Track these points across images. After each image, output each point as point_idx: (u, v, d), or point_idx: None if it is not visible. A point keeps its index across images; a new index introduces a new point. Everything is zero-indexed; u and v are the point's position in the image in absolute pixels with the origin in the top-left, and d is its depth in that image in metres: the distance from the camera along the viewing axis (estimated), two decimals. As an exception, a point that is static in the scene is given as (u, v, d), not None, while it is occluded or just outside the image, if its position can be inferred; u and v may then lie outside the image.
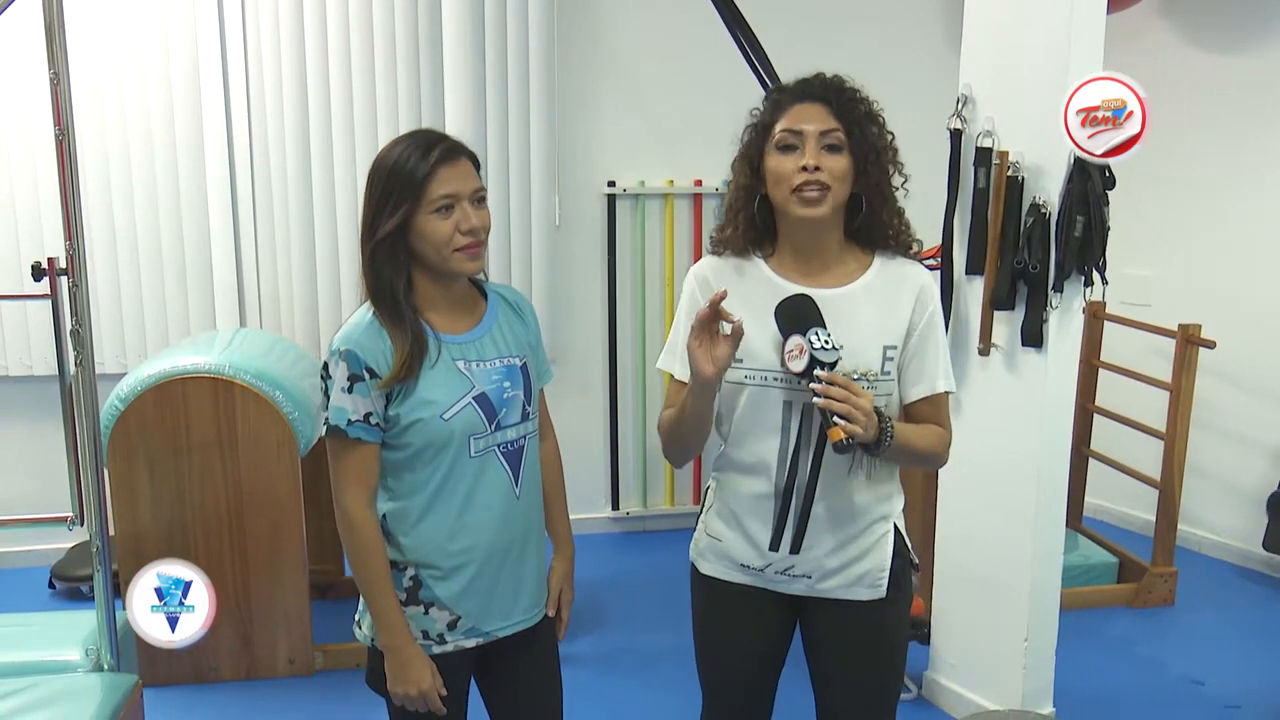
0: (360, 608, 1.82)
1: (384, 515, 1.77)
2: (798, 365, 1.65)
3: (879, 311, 1.76)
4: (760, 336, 1.71)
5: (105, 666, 2.45)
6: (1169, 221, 4.33)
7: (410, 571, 1.77)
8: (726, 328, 1.65)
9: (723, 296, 1.63)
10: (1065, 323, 2.73)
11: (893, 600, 1.84)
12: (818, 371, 1.63)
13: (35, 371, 3.94)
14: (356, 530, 1.72)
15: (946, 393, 1.80)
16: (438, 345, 1.72)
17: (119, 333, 4.01)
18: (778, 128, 1.73)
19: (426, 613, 1.77)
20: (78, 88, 3.76)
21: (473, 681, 1.91)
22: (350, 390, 1.68)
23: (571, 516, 2.02)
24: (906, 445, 1.72)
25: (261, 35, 3.92)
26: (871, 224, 1.78)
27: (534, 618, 1.88)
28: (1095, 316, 4.05)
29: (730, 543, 1.86)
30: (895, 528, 1.85)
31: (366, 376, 1.68)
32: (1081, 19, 2.57)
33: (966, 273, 2.85)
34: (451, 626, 1.78)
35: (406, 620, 1.76)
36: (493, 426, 1.75)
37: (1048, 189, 2.66)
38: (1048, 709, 2.93)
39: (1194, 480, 4.05)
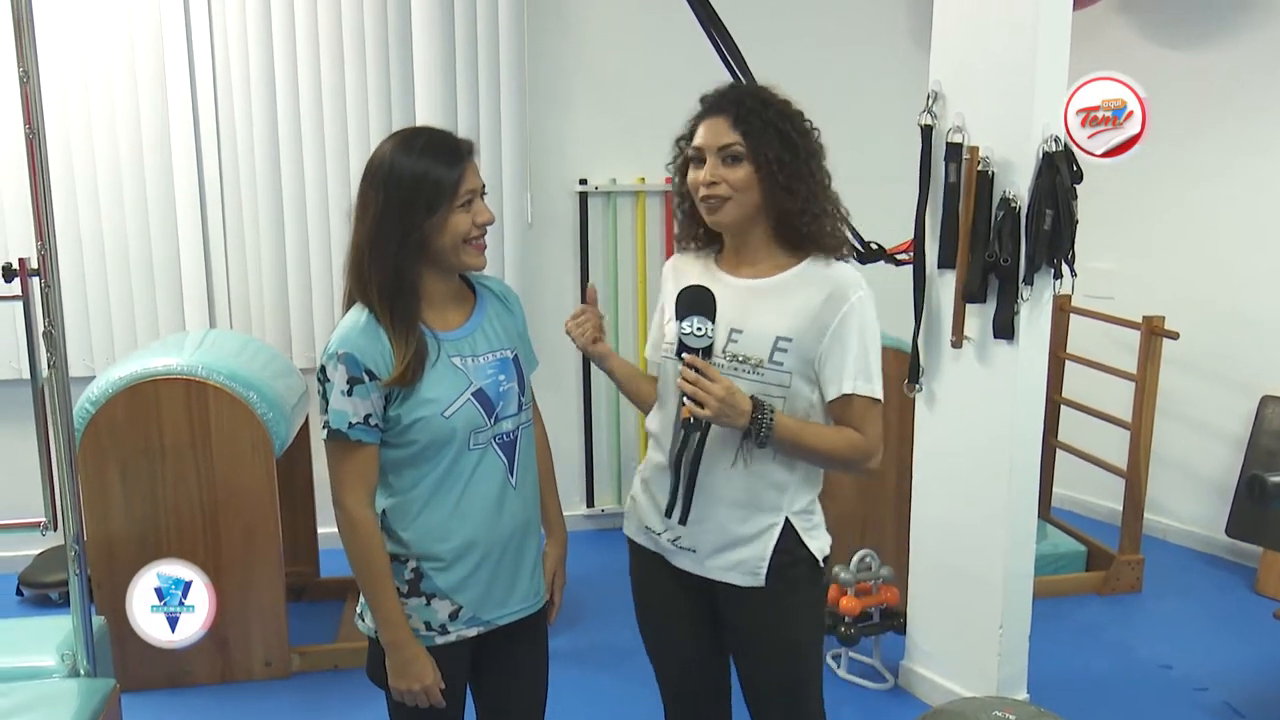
0: (364, 600, 1.82)
1: (383, 511, 1.78)
2: (674, 347, 1.80)
3: (782, 305, 1.82)
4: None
5: (82, 671, 2.42)
6: (1131, 215, 4.41)
7: (411, 564, 1.78)
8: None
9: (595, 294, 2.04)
10: (1035, 315, 2.77)
11: (778, 593, 1.86)
12: (684, 355, 1.75)
13: (1, 376, 3.88)
14: (359, 531, 1.73)
15: (865, 397, 1.81)
16: (436, 345, 1.74)
17: (86, 335, 3.95)
18: (693, 142, 1.85)
19: (428, 604, 1.79)
20: (43, 86, 3.73)
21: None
22: (350, 393, 1.69)
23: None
24: (793, 439, 1.78)
25: (229, 33, 3.88)
26: (787, 227, 1.83)
27: (533, 605, 1.90)
28: (1061, 310, 4.12)
29: (641, 505, 1.99)
30: (789, 522, 1.86)
31: (366, 378, 1.69)
32: (1048, 15, 2.61)
33: (938, 266, 2.89)
34: (453, 617, 1.80)
35: (407, 614, 1.77)
36: (491, 420, 1.77)
37: (1017, 183, 2.70)
38: (1022, 695, 2.97)
39: (1159, 469, 4.13)
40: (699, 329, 1.75)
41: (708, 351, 1.76)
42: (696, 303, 1.78)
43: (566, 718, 3.02)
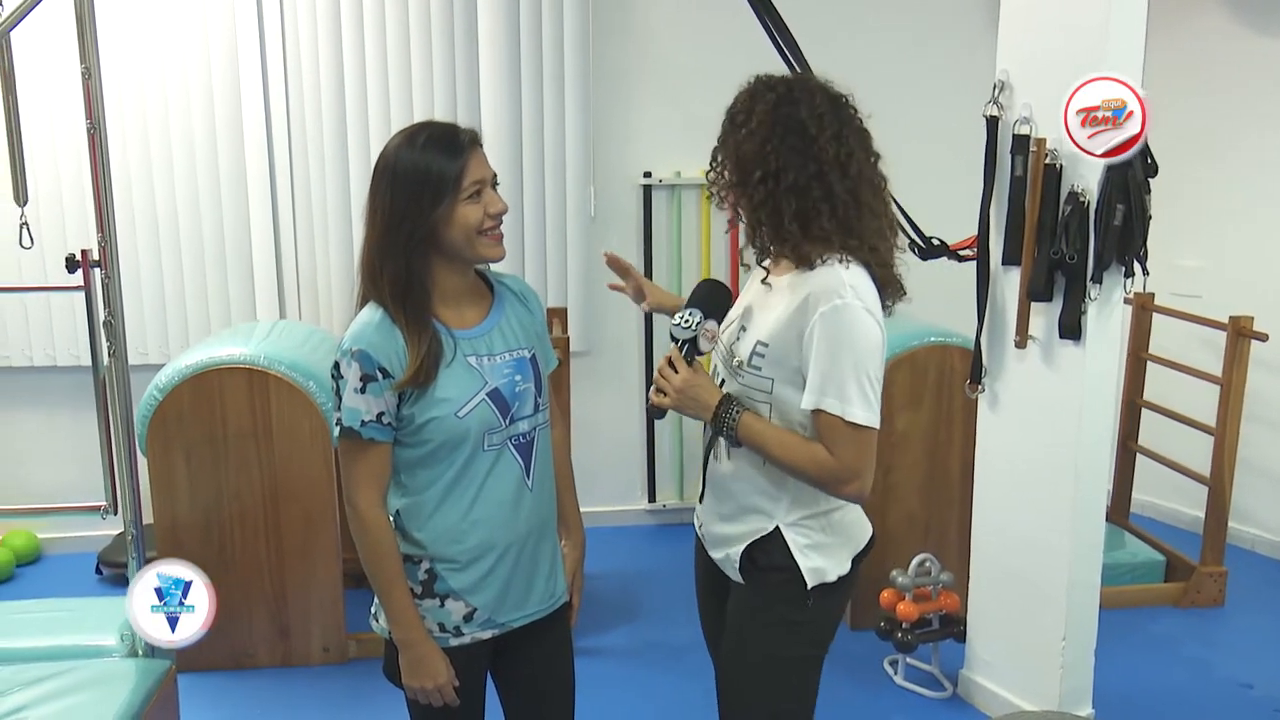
0: (376, 600, 1.83)
1: (397, 511, 1.78)
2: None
3: (769, 309, 1.79)
4: None
5: (140, 652, 2.50)
6: (1220, 211, 4.20)
7: (425, 565, 1.77)
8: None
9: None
10: (1104, 314, 2.65)
11: (749, 597, 1.84)
12: (672, 343, 1.80)
13: (82, 362, 4.01)
14: (370, 530, 1.73)
15: (832, 415, 1.67)
16: (452, 343, 1.72)
17: (162, 323, 4.08)
18: None
19: (442, 605, 1.78)
20: (120, 78, 3.86)
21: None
22: (363, 390, 1.68)
23: (607, 508, 2.05)
24: (755, 441, 1.75)
25: (300, 26, 3.96)
26: (762, 235, 1.79)
27: (549, 607, 1.88)
28: (1144, 308, 3.95)
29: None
30: (779, 530, 1.80)
31: (379, 376, 1.68)
32: (1121, 3, 2.49)
33: (1003, 263, 2.79)
34: (468, 618, 1.79)
35: (421, 615, 1.76)
36: (507, 421, 1.75)
37: (1086, 177, 2.59)
38: (1086, 710, 2.86)
39: (1245, 476, 3.93)
40: (686, 320, 1.77)
41: (693, 343, 1.77)
42: (703, 296, 1.82)
43: (619, 715, 3.03)
